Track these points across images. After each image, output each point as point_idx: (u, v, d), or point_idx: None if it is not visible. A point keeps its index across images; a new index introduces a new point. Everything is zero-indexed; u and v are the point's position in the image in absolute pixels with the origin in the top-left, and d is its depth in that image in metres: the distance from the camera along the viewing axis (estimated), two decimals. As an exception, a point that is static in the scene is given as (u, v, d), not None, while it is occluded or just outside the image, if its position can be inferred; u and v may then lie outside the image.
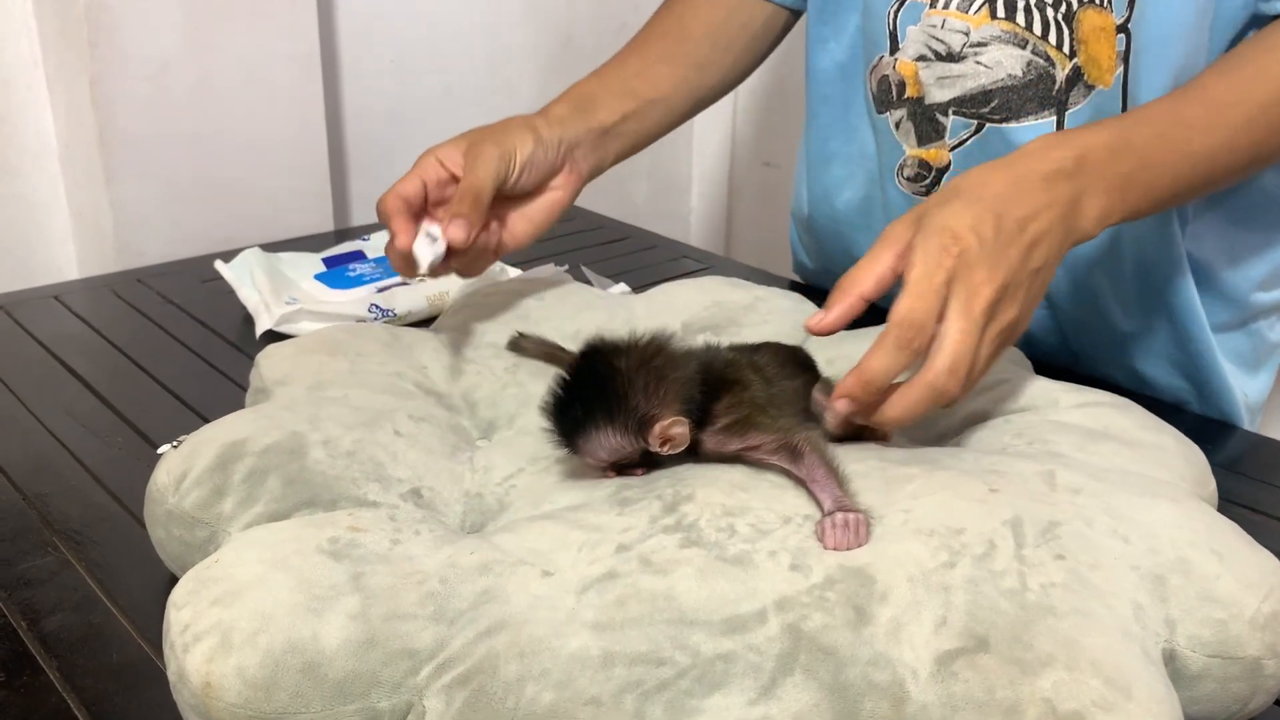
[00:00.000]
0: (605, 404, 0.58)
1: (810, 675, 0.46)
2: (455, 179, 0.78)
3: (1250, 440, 0.84)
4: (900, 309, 0.59)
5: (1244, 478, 0.76)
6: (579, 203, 1.39)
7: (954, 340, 0.58)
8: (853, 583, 0.50)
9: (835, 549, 0.52)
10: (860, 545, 0.53)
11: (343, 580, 0.50)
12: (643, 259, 1.19)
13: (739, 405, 0.60)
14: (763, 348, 0.69)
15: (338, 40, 1.31)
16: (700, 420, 0.59)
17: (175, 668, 0.49)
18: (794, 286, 1.10)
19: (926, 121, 0.90)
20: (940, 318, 0.59)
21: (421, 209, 0.77)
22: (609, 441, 0.59)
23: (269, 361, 0.74)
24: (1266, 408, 0.98)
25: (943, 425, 0.73)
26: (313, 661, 0.47)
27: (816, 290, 1.06)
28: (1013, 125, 0.86)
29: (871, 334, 0.86)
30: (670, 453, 0.59)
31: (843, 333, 0.86)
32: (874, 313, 0.89)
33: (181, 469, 0.60)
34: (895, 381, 0.59)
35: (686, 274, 1.11)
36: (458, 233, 0.72)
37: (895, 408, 0.59)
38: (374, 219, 1.36)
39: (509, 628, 0.48)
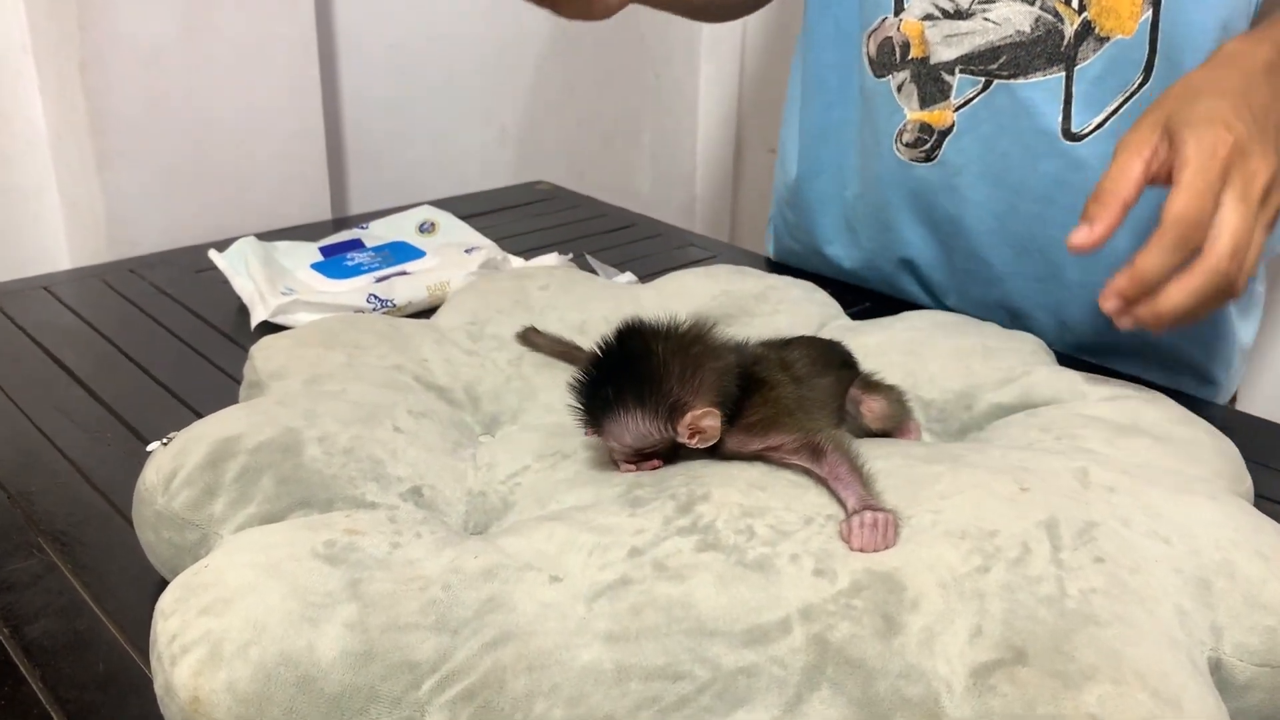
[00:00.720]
0: (637, 386, 0.55)
1: (838, 690, 0.43)
2: None
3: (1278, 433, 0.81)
4: (1177, 206, 0.59)
5: (1276, 472, 0.74)
6: (580, 190, 1.37)
7: (1233, 225, 0.59)
8: (881, 589, 0.47)
9: (862, 550, 0.50)
10: (889, 546, 0.50)
11: (339, 587, 0.47)
12: (647, 247, 1.16)
13: (764, 405, 0.57)
14: (794, 343, 0.66)
15: (335, 24, 1.28)
16: (730, 416, 0.57)
17: (162, 680, 0.46)
18: (772, 266, 1.07)
19: (931, 82, 0.90)
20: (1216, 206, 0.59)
21: None
22: (636, 426, 0.56)
23: (263, 354, 0.71)
24: (1252, 383, 0.98)
25: (965, 419, 0.71)
26: (307, 675, 0.44)
27: (800, 272, 1.04)
28: (1020, 81, 0.86)
29: (879, 323, 0.84)
30: (698, 445, 0.56)
31: (860, 323, 0.84)
32: (892, 304, 0.86)
33: (171, 468, 0.57)
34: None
35: (693, 262, 1.09)
36: None
37: (1175, 296, 0.59)
38: (373, 207, 1.33)
39: (516, 638, 0.45)
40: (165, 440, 0.62)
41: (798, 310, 0.83)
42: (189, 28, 1.08)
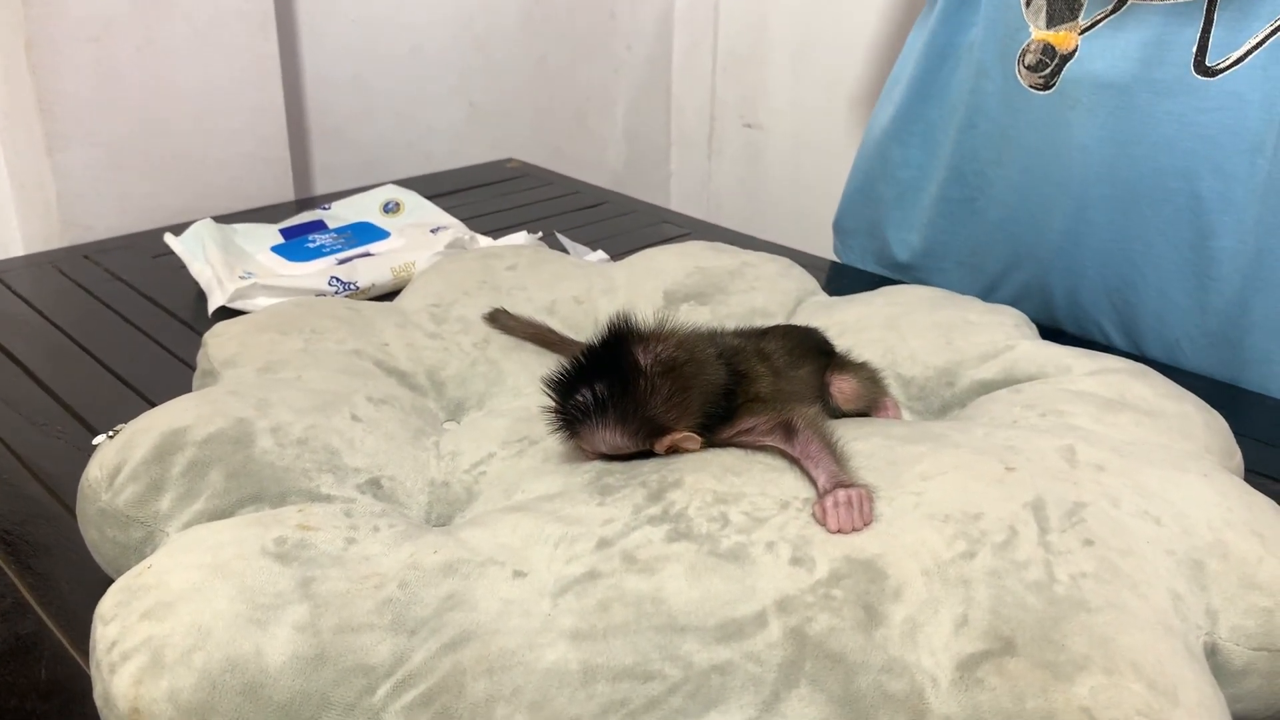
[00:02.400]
0: (620, 404, 0.53)
1: (817, 687, 0.41)
2: None
3: (1267, 404, 0.80)
4: None
5: (1263, 444, 0.72)
6: (550, 166, 1.34)
7: None
8: (862, 577, 0.45)
9: (840, 531, 0.47)
10: (866, 523, 0.48)
11: (290, 587, 0.45)
12: (621, 225, 1.13)
13: (740, 395, 0.54)
14: (771, 333, 0.64)
15: (294, -3, 1.24)
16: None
17: (101, 690, 0.43)
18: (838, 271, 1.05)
19: None
20: None
21: None
22: (614, 439, 0.54)
23: (216, 341, 0.68)
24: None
25: (947, 396, 0.68)
26: (254, 681, 0.41)
27: (848, 268, 1.01)
28: (1156, 3, 0.77)
29: (858, 299, 0.81)
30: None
31: (838, 298, 0.81)
32: (869, 279, 0.84)
33: (115, 462, 0.54)
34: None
35: (667, 240, 1.06)
36: None
37: None
38: (337, 187, 1.29)
39: (477, 638, 0.42)
40: (111, 433, 0.59)
41: (774, 286, 0.80)
42: (139, 3, 1.04)
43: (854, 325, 0.73)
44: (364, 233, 0.99)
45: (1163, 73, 0.79)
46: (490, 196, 1.21)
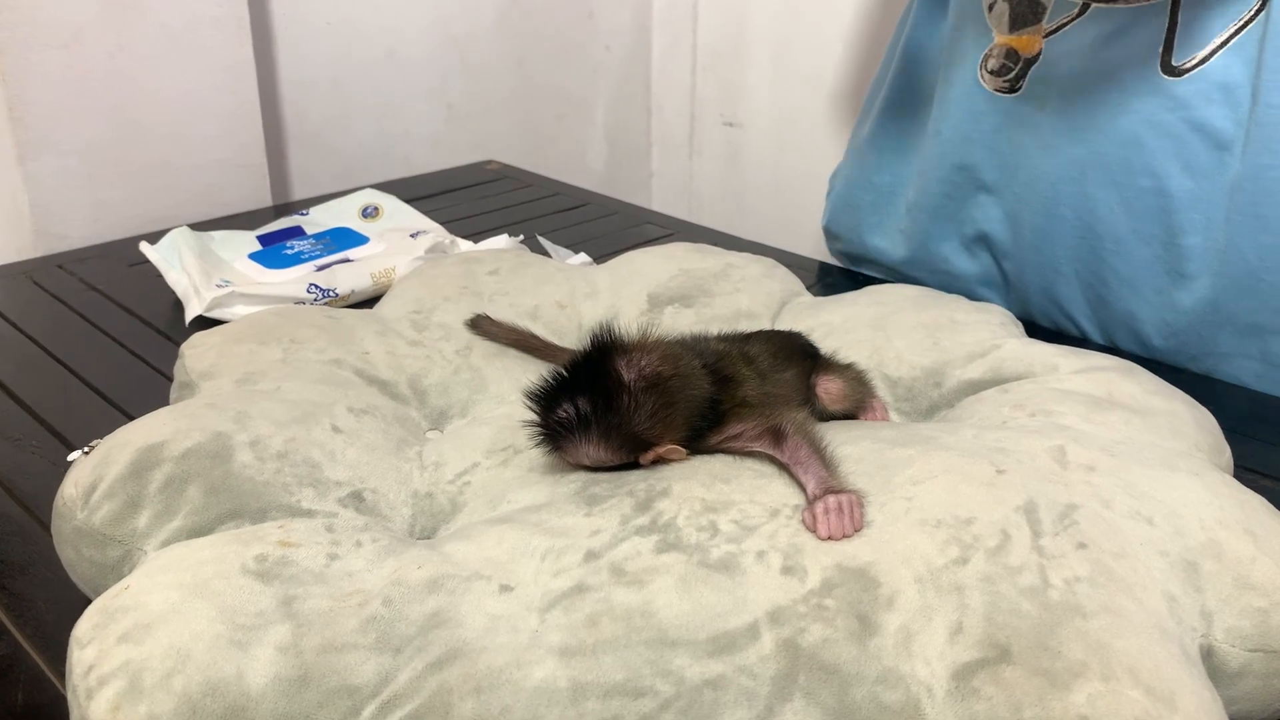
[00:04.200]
0: (604, 420, 0.52)
1: (812, 699, 0.40)
2: None
3: (1255, 400, 0.79)
4: None
5: (1252, 439, 0.71)
6: (530, 168, 1.33)
7: None
8: (854, 586, 0.44)
9: (830, 538, 0.47)
10: (856, 529, 0.47)
11: (271, 606, 0.44)
12: (603, 226, 1.13)
13: (727, 401, 0.54)
14: (755, 337, 0.63)
15: (269, 0, 1.22)
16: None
17: (78, 716, 0.42)
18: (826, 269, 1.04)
19: (1026, 2, 0.82)
20: None
21: None
22: (597, 454, 0.53)
23: (193, 352, 0.66)
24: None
25: (934, 397, 0.68)
26: (236, 705, 0.40)
27: (834, 268, 1.00)
28: (1120, 5, 0.77)
29: (843, 299, 0.81)
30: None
31: (824, 299, 0.80)
32: (855, 278, 0.83)
33: (91, 479, 0.53)
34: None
35: (650, 241, 1.05)
36: None
37: None
38: (315, 192, 1.28)
39: (463, 656, 0.41)
40: (86, 449, 0.58)
41: (759, 288, 0.79)
42: (110, 8, 1.02)
43: (840, 326, 0.73)
44: (343, 238, 0.98)
45: (1129, 73, 0.78)
46: (470, 199, 1.20)
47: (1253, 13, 0.74)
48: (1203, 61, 0.76)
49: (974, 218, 0.91)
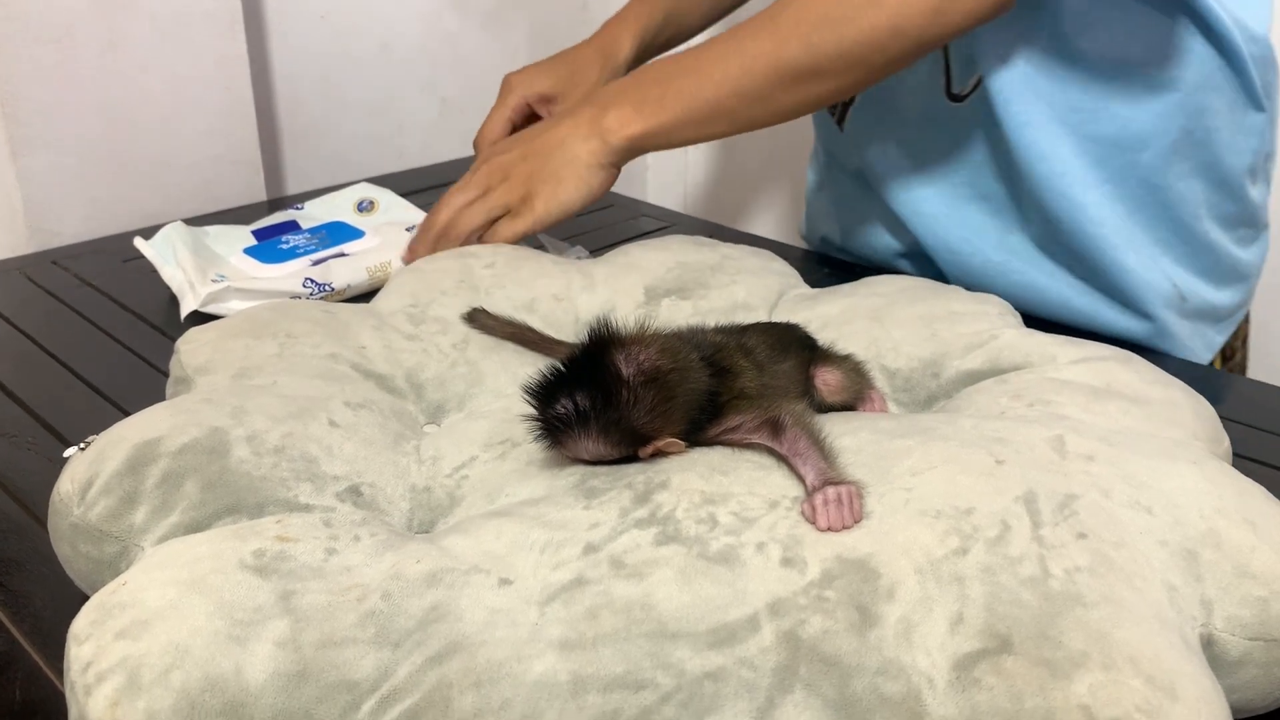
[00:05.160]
0: (603, 415, 0.52)
1: (812, 691, 0.40)
2: (547, 101, 0.97)
3: (1253, 387, 0.79)
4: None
5: (1249, 428, 0.71)
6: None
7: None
8: (854, 578, 0.44)
9: (830, 529, 0.47)
10: (856, 520, 0.47)
11: (269, 601, 0.43)
12: (598, 219, 1.12)
13: (725, 393, 0.53)
14: (752, 329, 0.63)
15: (262, -5, 1.22)
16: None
17: (76, 713, 0.42)
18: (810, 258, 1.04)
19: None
20: None
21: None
22: (596, 449, 0.53)
23: (189, 348, 0.66)
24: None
25: (932, 387, 0.68)
26: (235, 700, 0.40)
27: (831, 259, 1.00)
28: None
29: (840, 290, 0.80)
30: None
31: (821, 290, 0.80)
32: (852, 269, 0.83)
33: (87, 475, 0.53)
34: None
35: (646, 234, 1.05)
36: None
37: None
38: (310, 186, 1.28)
39: (463, 650, 0.41)
40: (82, 445, 0.58)
41: (756, 280, 0.79)
42: (101, 2, 1.02)
43: (837, 318, 0.72)
44: (338, 232, 0.97)
45: (926, 102, 0.87)
46: (465, 193, 1.19)
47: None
48: (974, 89, 0.85)
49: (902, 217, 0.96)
